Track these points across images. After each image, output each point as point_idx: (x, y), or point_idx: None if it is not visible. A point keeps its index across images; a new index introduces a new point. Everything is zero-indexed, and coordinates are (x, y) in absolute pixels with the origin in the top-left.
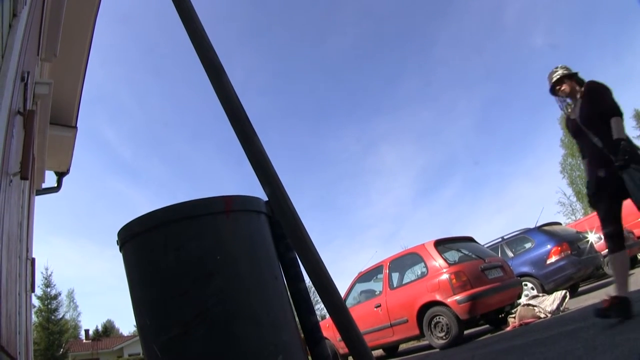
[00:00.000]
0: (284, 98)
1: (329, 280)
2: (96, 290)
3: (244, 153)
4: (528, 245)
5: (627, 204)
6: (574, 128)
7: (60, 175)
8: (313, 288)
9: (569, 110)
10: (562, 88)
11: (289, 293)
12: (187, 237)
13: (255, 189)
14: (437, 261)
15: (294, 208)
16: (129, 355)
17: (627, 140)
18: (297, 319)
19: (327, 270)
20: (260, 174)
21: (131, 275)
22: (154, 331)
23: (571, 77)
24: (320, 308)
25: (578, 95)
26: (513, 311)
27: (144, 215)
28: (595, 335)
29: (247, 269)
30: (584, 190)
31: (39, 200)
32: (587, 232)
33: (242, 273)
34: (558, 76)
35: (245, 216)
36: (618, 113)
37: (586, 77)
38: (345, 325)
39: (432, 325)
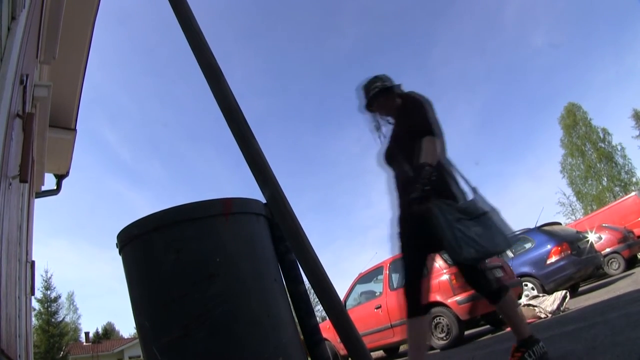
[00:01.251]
0: (284, 99)
1: (327, 282)
2: (96, 292)
3: (242, 155)
4: (528, 245)
5: (628, 205)
6: (386, 151)
7: (60, 178)
8: (312, 290)
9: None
10: (380, 104)
11: (288, 295)
12: (186, 239)
13: (255, 191)
14: (437, 262)
15: (292, 210)
16: (129, 358)
17: (437, 167)
18: (296, 320)
19: (325, 272)
20: (258, 177)
21: (131, 278)
22: (154, 333)
23: (390, 90)
24: (319, 309)
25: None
26: None
27: (143, 217)
28: (596, 335)
29: (247, 270)
30: (584, 190)
31: (39, 203)
32: (587, 232)
33: (242, 275)
34: (376, 90)
35: (244, 218)
36: (431, 131)
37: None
38: (344, 327)
39: (432, 326)
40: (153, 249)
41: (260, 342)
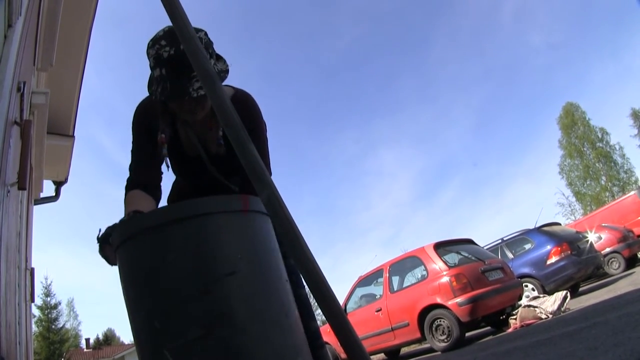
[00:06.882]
0: (281, 101)
1: (325, 285)
2: (96, 298)
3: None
4: (528, 246)
5: (627, 204)
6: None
7: (59, 185)
8: (311, 294)
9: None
10: (198, 106)
11: None
12: (207, 234)
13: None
14: (437, 264)
15: (290, 214)
16: None
17: None
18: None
19: (323, 275)
20: (255, 180)
21: (132, 277)
22: (167, 335)
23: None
24: (320, 313)
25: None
26: (514, 312)
27: (160, 208)
28: (597, 335)
29: (266, 269)
30: (583, 191)
31: (38, 210)
32: (586, 232)
33: (261, 274)
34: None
35: (259, 217)
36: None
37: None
38: (342, 330)
39: (433, 328)
40: (169, 244)
41: (282, 343)
